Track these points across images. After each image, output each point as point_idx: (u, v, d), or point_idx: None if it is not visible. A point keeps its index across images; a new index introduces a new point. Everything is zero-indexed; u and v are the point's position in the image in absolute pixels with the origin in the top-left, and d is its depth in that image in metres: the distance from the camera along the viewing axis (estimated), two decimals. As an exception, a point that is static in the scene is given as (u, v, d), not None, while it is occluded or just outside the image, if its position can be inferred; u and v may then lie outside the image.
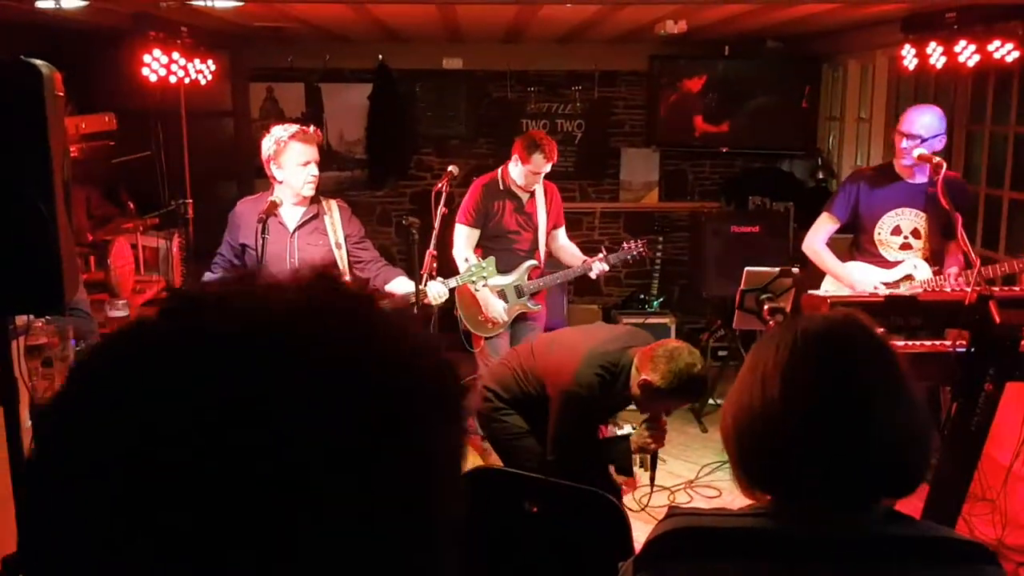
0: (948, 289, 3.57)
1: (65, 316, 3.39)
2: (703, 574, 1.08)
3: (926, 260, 3.98)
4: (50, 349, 3.20)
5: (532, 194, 4.69)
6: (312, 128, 3.75)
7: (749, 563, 1.08)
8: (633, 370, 3.04)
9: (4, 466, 2.43)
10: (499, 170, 4.72)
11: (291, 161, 3.64)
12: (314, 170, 3.67)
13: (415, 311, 3.71)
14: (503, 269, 4.62)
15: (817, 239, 4.12)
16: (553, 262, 4.90)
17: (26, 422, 2.62)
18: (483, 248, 4.67)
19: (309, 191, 3.68)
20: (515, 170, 4.60)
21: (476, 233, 4.66)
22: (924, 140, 3.77)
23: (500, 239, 4.66)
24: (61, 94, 2.29)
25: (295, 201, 3.71)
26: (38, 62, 2.16)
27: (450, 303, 4.46)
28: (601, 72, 7.46)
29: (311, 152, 3.65)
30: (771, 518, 1.12)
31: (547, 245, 4.81)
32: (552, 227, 4.80)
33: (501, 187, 4.65)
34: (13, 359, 2.39)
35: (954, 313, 2.92)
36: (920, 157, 3.70)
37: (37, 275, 2.18)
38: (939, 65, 4.75)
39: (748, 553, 1.09)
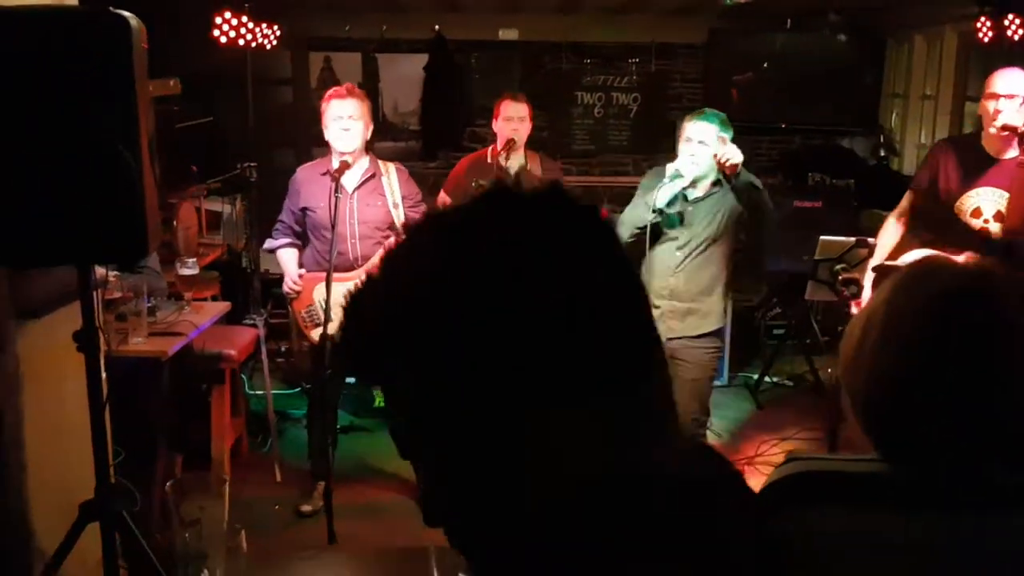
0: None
1: (138, 273, 3.46)
2: (823, 519, 1.07)
3: None
4: (124, 304, 3.26)
5: (526, 170, 4.43)
6: (348, 86, 3.83)
7: (870, 509, 1.07)
8: None
9: (84, 413, 2.48)
10: (491, 147, 4.51)
11: (328, 119, 3.74)
12: (346, 124, 3.70)
13: None
14: None
15: (888, 223, 3.82)
16: None
17: (102, 372, 2.68)
18: None
19: (341, 145, 3.72)
20: (498, 131, 4.41)
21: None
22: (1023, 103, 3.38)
23: None
24: (146, 47, 2.31)
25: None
26: (126, 14, 2.18)
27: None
28: (658, 44, 7.37)
29: (343, 107, 3.71)
30: (894, 464, 1.10)
31: None
32: None
33: (488, 161, 4.44)
34: (95, 309, 2.44)
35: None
36: (1004, 127, 3.39)
37: (123, 226, 2.22)
38: (1016, 38, 4.63)
39: (870, 498, 1.07)
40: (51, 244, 2.22)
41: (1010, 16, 4.48)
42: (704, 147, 3.53)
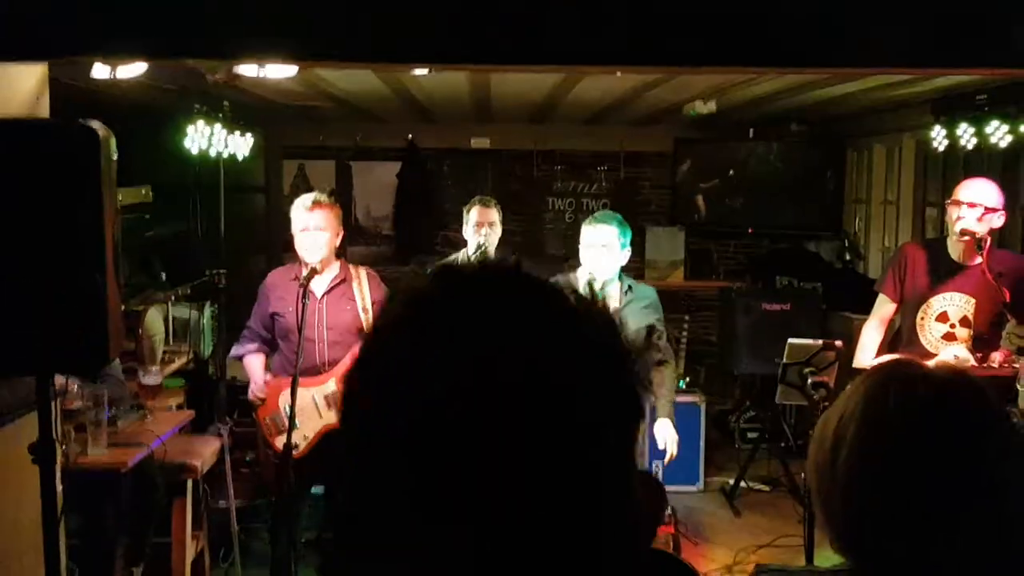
0: (996, 365, 3.47)
1: (99, 382, 3.39)
2: None
3: (969, 350, 3.58)
4: (83, 414, 3.18)
5: None
6: (315, 196, 3.77)
7: None
8: None
9: (37, 525, 2.38)
10: (463, 251, 4.58)
11: (295, 229, 3.74)
12: (313, 235, 3.68)
13: None
14: None
15: (870, 325, 3.83)
16: None
17: (58, 485, 2.59)
18: None
19: (307, 255, 3.70)
20: (469, 236, 4.50)
21: None
22: (985, 212, 3.45)
23: None
24: (115, 157, 2.32)
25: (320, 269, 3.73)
26: (95, 124, 2.20)
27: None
28: (627, 153, 7.56)
29: (309, 218, 3.70)
30: (869, 573, 1.06)
31: None
32: None
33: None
34: (53, 420, 2.37)
35: (1004, 390, 2.86)
36: (962, 231, 3.46)
37: (84, 335, 2.18)
38: (969, 146, 4.78)
39: None
40: (10, 353, 2.17)
41: (963, 126, 4.65)
42: (607, 250, 3.59)
